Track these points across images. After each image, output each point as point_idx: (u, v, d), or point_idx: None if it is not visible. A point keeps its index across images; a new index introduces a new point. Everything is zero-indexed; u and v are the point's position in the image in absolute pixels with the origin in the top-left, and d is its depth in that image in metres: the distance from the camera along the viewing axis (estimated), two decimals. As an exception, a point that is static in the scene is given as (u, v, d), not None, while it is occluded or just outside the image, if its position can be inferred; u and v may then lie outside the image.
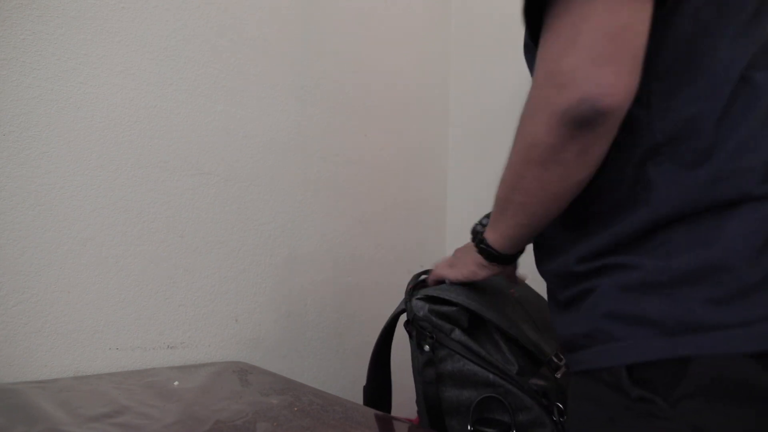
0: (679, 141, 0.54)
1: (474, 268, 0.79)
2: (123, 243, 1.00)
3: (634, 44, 0.50)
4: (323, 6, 1.33)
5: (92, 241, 0.96)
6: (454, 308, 0.79)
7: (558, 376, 0.79)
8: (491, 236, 0.72)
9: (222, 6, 1.14)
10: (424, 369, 0.79)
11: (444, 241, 1.63)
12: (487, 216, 0.77)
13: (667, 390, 0.52)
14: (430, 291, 0.82)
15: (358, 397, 0.96)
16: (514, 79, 1.46)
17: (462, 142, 1.62)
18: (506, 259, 0.75)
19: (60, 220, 0.93)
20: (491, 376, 0.75)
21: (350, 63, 1.39)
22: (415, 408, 0.83)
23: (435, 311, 0.80)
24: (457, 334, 0.78)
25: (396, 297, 1.46)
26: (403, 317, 0.87)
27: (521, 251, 0.76)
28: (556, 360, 0.80)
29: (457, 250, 0.86)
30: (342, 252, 1.35)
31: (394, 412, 0.90)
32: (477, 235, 0.76)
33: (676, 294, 0.53)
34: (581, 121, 0.51)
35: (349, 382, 1.34)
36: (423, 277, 0.92)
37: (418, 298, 0.82)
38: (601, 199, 0.59)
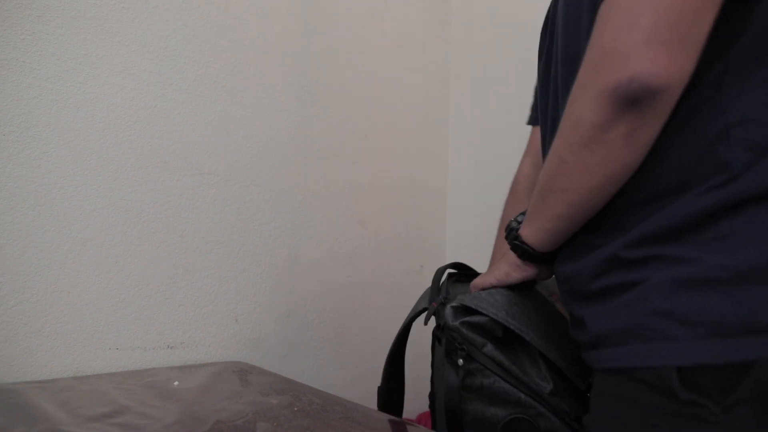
0: (751, 124, 0.53)
1: (507, 269, 0.75)
2: (123, 243, 1.00)
3: (696, 31, 0.50)
4: (323, 6, 1.33)
5: (92, 241, 0.96)
6: (488, 318, 0.74)
7: (590, 395, 0.74)
8: (527, 232, 0.69)
9: (222, 6, 1.14)
10: (449, 379, 0.74)
11: (444, 241, 1.63)
12: (523, 213, 0.73)
13: (721, 394, 0.50)
14: (466, 300, 0.76)
15: (358, 397, 0.96)
16: (515, 78, 1.46)
17: (462, 141, 1.62)
18: (542, 258, 0.70)
19: (60, 220, 0.93)
20: (523, 396, 0.71)
21: (350, 63, 1.39)
22: (423, 403, 0.81)
23: (467, 323, 0.74)
24: (490, 348, 0.73)
25: (396, 296, 1.47)
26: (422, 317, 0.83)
27: (557, 251, 0.71)
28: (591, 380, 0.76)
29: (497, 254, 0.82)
30: (342, 252, 1.35)
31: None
32: (511, 231, 0.72)
33: (739, 292, 0.50)
34: (630, 100, 0.51)
35: (349, 383, 1.34)
36: (449, 271, 0.87)
37: (452, 306, 0.77)
38: (658, 180, 0.56)
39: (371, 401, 0.91)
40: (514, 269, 0.74)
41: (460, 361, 0.74)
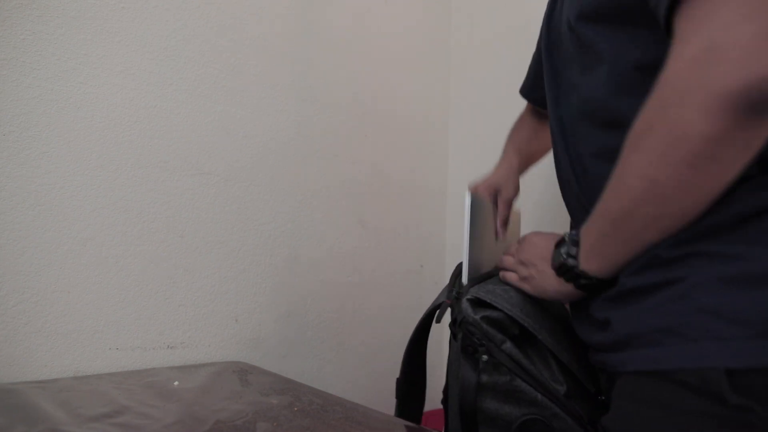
0: None
1: (558, 297, 0.67)
2: (123, 243, 1.00)
3: None
4: (323, 6, 1.33)
5: (92, 241, 0.96)
6: (504, 315, 0.72)
7: (603, 398, 0.72)
8: (595, 265, 0.58)
9: (222, 6, 1.14)
10: (465, 375, 0.72)
11: (444, 241, 1.63)
12: (573, 243, 0.62)
13: None
14: (481, 293, 0.74)
15: (358, 397, 0.96)
16: (515, 78, 1.46)
17: (462, 141, 1.62)
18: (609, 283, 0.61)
19: (60, 220, 0.93)
20: (539, 396, 0.69)
21: (350, 63, 1.39)
22: (436, 400, 0.80)
23: (487, 318, 0.72)
24: (509, 346, 0.71)
25: (396, 296, 1.47)
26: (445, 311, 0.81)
27: None
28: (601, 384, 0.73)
29: (529, 254, 0.71)
30: (342, 252, 1.35)
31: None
32: (571, 270, 0.62)
33: None
34: (760, 106, 0.42)
35: (349, 382, 1.34)
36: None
37: (468, 299, 0.74)
38: None
39: (371, 401, 0.91)
40: (565, 298, 0.66)
41: (485, 357, 0.71)
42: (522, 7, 1.42)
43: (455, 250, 1.60)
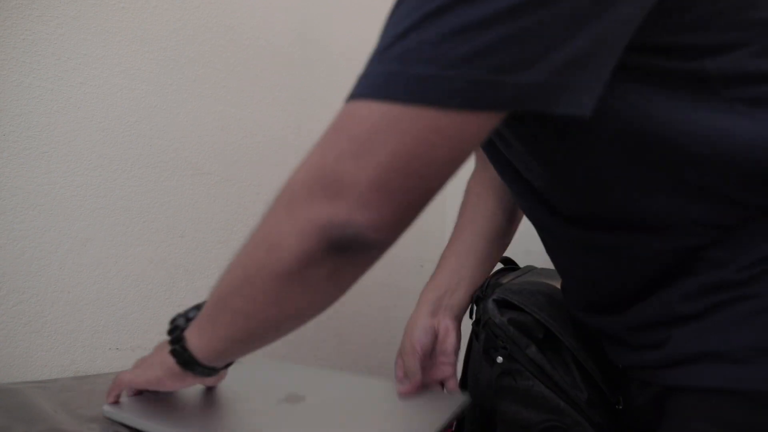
0: None
1: (160, 374, 0.59)
2: (123, 243, 1.00)
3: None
4: (323, 6, 1.33)
5: (92, 241, 0.96)
6: (531, 318, 0.71)
7: (620, 407, 0.70)
8: (196, 343, 0.55)
9: (222, 6, 1.14)
10: (484, 377, 0.72)
11: (444, 241, 1.62)
12: (197, 307, 0.58)
13: None
14: (508, 294, 0.73)
15: (358, 397, 0.95)
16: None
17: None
18: (209, 371, 0.58)
19: (60, 220, 0.93)
20: (562, 403, 0.67)
21: (350, 62, 1.39)
22: None
23: (514, 320, 0.71)
24: (533, 351, 0.70)
25: (396, 296, 1.46)
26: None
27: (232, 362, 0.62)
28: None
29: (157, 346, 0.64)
30: (342, 252, 1.35)
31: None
32: (176, 330, 0.58)
33: None
34: (338, 244, 0.44)
35: (349, 382, 1.34)
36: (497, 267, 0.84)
37: (494, 299, 0.73)
38: None
39: (371, 401, 0.91)
40: (169, 377, 0.59)
41: (500, 359, 0.71)
42: None
43: (455, 250, 1.60)
